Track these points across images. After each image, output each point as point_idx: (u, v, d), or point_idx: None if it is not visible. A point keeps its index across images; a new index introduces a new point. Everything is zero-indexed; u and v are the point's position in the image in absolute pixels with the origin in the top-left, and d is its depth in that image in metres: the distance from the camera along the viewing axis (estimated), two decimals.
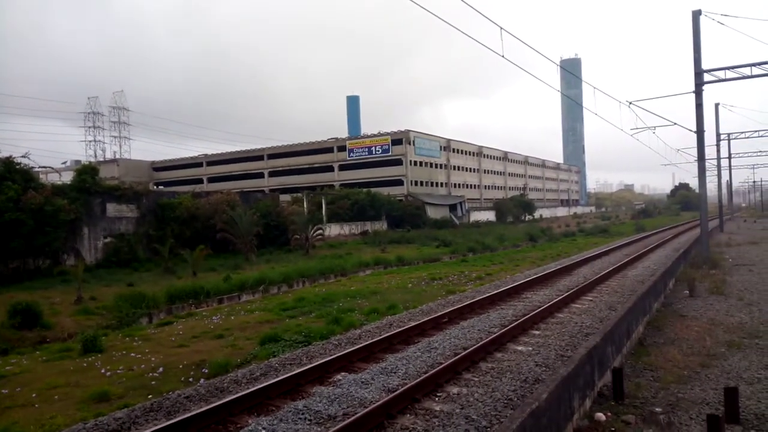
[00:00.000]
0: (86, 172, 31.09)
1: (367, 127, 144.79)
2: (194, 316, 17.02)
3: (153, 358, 11.47)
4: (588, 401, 7.79)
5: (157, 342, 13.23)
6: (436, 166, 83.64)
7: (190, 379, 9.82)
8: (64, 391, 9.44)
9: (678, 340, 11.50)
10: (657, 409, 7.63)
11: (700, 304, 15.19)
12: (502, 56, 13.87)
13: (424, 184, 79.65)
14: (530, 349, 9.58)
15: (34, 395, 9.28)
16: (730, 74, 22.57)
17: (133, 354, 11.99)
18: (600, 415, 7.38)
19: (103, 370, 10.71)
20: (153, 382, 9.77)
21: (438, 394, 7.42)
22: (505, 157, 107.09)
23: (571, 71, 59.23)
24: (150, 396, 8.75)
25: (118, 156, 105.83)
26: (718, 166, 50.70)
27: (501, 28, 12.68)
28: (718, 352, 10.52)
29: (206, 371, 10.23)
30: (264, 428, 6.44)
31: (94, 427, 6.77)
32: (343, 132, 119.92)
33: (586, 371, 7.77)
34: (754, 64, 21.82)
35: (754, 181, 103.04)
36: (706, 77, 22.91)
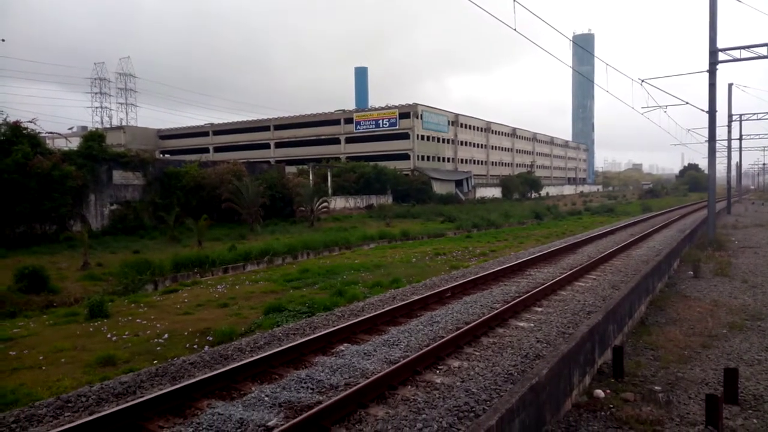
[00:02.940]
0: (93, 139, 31.09)
1: (371, 99, 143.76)
2: (199, 285, 17.16)
3: (158, 325, 11.61)
4: (588, 378, 7.85)
5: (163, 309, 13.37)
6: (444, 141, 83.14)
7: (195, 346, 9.94)
8: (70, 355, 9.58)
9: (680, 321, 11.53)
10: (656, 388, 7.69)
11: (704, 286, 15.18)
12: (515, 29, 13.62)
13: (431, 158, 79.31)
14: (532, 325, 9.63)
15: (41, 358, 9.42)
16: (745, 53, 22.11)
17: (138, 320, 12.13)
18: (599, 392, 7.44)
19: (109, 335, 10.85)
20: (158, 348, 9.89)
21: (439, 367, 7.49)
22: (513, 133, 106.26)
23: (583, 47, 58.12)
24: (155, 361, 8.87)
25: (124, 123, 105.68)
26: (729, 148, 50.05)
27: (514, 0, 12.41)
28: (720, 333, 10.55)
29: (211, 339, 10.35)
30: (267, 395, 6.53)
31: (100, 390, 6.88)
32: (345, 103, 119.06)
33: (587, 348, 7.82)
34: None
35: (763, 164, 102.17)
36: (721, 56, 22.47)
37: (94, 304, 12.74)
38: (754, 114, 42.74)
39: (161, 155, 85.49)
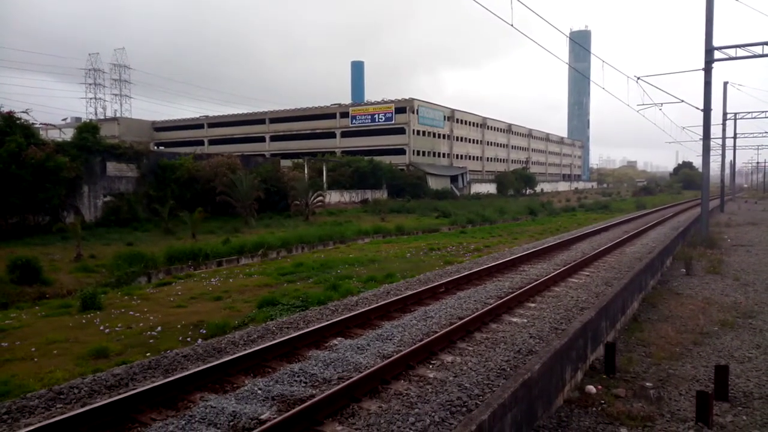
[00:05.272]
0: (87, 130, 30.92)
1: (366, 92, 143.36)
2: (193, 278, 17.12)
3: (151, 317, 11.58)
4: (580, 374, 7.90)
5: (156, 301, 13.34)
6: (439, 136, 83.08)
7: (188, 339, 9.93)
8: (62, 347, 9.55)
9: (672, 318, 11.60)
10: (647, 384, 7.74)
11: (696, 283, 15.27)
12: (512, 25, 13.59)
13: (427, 153, 79.26)
14: (525, 321, 9.66)
15: (33, 349, 9.39)
16: (741, 52, 22.15)
17: (131, 312, 12.10)
18: (591, 388, 7.48)
19: (101, 327, 10.82)
20: (151, 341, 9.88)
21: (432, 362, 7.51)
22: (508, 129, 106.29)
23: (580, 43, 58.19)
24: (148, 354, 8.85)
25: (118, 114, 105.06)
26: (723, 146, 50.32)
27: None
28: (711, 330, 10.62)
29: (204, 332, 10.34)
30: (260, 389, 6.53)
31: (92, 382, 6.86)
32: (341, 96, 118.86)
33: (579, 344, 7.85)
34: (766, 43, 21.41)
35: (757, 162, 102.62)
36: (717, 54, 22.50)
37: (87, 296, 12.70)
38: (749, 112, 42.91)
39: (155, 147, 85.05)
